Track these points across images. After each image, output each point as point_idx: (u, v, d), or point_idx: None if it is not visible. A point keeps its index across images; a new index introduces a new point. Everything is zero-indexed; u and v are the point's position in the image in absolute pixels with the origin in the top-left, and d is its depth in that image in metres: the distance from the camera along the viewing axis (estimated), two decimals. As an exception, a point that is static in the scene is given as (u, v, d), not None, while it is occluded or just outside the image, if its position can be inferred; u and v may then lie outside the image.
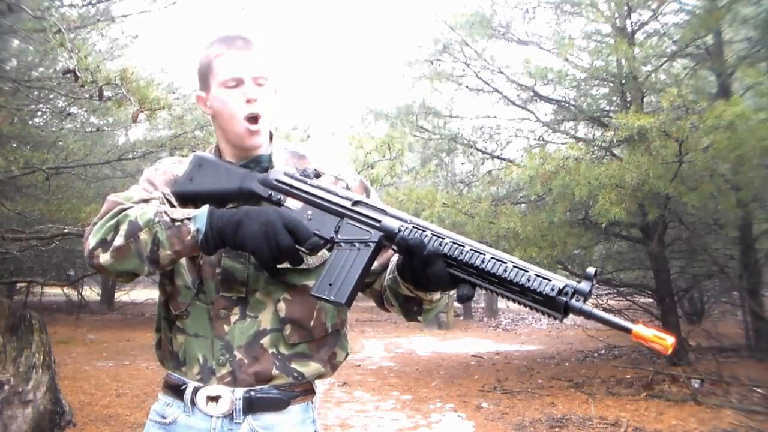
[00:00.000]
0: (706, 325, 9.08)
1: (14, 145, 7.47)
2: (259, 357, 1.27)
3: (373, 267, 1.24)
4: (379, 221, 1.16)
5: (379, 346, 10.60)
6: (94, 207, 6.02)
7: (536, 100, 8.31)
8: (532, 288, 1.01)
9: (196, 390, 1.28)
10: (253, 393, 1.26)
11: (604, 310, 8.62)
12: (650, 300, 8.78)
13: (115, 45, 8.46)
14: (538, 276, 1.01)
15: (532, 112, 8.47)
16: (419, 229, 1.11)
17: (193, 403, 1.28)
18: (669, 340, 0.92)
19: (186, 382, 1.29)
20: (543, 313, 1.02)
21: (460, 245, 1.07)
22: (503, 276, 1.03)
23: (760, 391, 5.74)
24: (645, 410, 5.48)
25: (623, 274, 9.57)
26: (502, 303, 17.90)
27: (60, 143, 7.75)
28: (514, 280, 1.02)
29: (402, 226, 1.13)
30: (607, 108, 8.15)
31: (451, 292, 1.13)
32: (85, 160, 7.16)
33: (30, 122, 8.24)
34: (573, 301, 0.99)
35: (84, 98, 6.13)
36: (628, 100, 7.20)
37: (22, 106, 7.17)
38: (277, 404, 1.28)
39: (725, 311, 10.39)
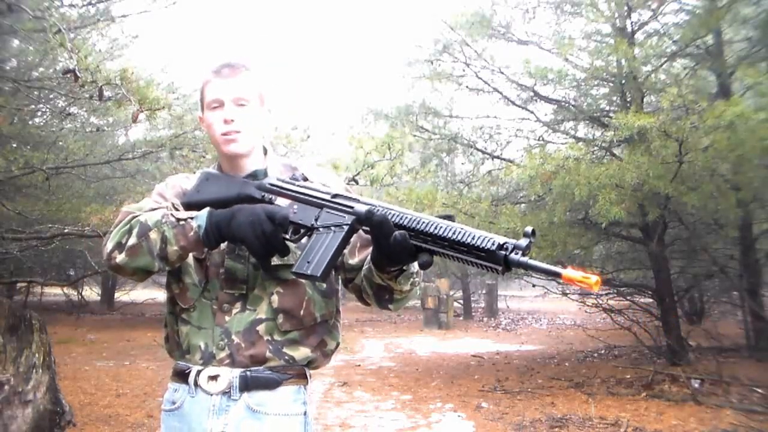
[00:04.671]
0: (706, 325, 9.08)
1: (14, 145, 7.48)
2: (255, 342, 1.43)
3: (353, 263, 1.45)
4: (352, 207, 1.33)
5: (379, 346, 10.60)
6: (94, 207, 6.02)
7: (536, 100, 8.30)
8: (476, 245, 1.13)
9: (198, 372, 1.44)
10: (248, 373, 1.42)
11: (604, 309, 8.58)
12: (650, 300, 8.77)
13: (115, 45, 8.45)
14: (482, 236, 1.14)
15: (532, 112, 8.46)
16: (385, 210, 1.27)
17: (196, 384, 1.43)
18: (593, 279, 1.03)
19: (190, 366, 1.46)
20: (486, 268, 1.13)
21: (418, 219, 1.21)
22: (453, 238, 1.16)
23: (760, 391, 5.74)
24: (645, 410, 5.48)
25: (623, 274, 9.55)
26: (502, 303, 17.91)
27: (60, 143, 7.75)
28: (462, 240, 1.15)
29: (372, 208, 1.29)
30: (607, 108, 8.14)
31: (421, 287, 1.24)
32: (85, 160, 7.17)
33: (30, 122, 8.24)
34: (512, 255, 1.10)
35: (84, 98, 6.14)
36: (628, 100, 7.19)
37: (22, 106, 7.17)
38: (270, 383, 1.43)
39: (725, 311, 10.37)
